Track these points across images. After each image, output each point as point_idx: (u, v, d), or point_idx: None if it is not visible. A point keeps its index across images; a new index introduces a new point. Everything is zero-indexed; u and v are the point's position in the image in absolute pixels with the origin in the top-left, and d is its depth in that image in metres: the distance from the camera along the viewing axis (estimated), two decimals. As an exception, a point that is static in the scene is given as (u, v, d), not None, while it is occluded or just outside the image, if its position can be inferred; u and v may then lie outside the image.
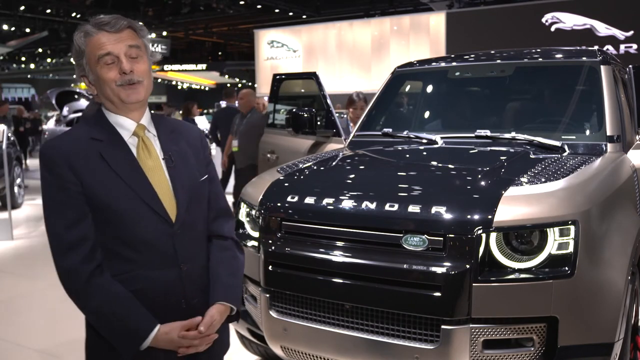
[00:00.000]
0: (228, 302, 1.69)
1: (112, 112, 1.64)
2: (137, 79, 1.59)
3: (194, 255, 1.68)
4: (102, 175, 1.56)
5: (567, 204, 2.33)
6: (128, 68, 1.57)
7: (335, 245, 2.52)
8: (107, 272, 1.56)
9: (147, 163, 1.62)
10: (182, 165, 1.67)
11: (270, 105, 5.38)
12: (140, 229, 1.57)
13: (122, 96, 1.59)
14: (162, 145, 1.67)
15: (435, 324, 2.28)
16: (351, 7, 22.70)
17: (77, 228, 1.54)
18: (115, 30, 1.58)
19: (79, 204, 1.55)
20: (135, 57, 1.60)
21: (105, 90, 1.60)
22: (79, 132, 1.63)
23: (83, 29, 1.59)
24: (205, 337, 1.61)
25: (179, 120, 1.82)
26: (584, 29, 13.49)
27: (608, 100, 3.30)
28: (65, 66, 41.00)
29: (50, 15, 23.71)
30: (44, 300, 4.84)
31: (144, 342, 1.55)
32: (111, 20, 1.59)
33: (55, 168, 1.54)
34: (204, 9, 23.48)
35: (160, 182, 1.62)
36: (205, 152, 1.79)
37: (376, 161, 3.35)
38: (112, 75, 1.57)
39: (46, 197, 1.57)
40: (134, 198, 1.56)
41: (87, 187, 1.54)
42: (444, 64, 4.08)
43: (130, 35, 1.60)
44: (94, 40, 1.58)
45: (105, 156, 1.57)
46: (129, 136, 1.63)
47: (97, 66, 1.58)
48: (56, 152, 1.56)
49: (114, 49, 1.57)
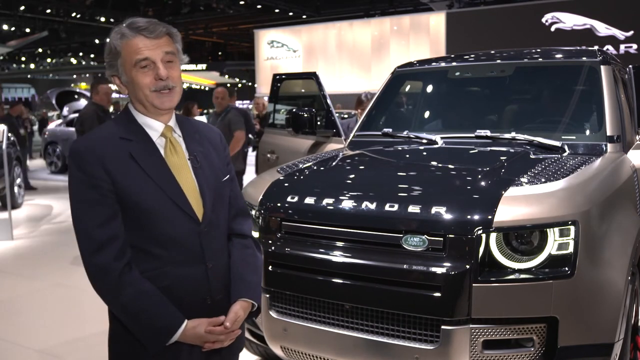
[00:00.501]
0: (250, 299, 1.73)
1: (141, 113, 1.66)
2: (171, 84, 1.62)
3: (219, 253, 1.72)
4: (132, 174, 1.58)
5: (567, 204, 2.33)
6: (165, 75, 1.60)
7: (335, 246, 2.52)
8: (135, 269, 1.59)
9: (174, 163, 1.65)
10: (207, 165, 1.71)
11: (270, 105, 5.38)
12: (169, 227, 1.60)
13: (156, 103, 1.62)
14: (187, 146, 1.71)
15: (435, 324, 2.28)
16: (351, 7, 22.72)
17: (109, 227, 1.56)
18: (153, 36, 1.60)
19: (110, 203, 1.57)
20: (170, 62, 1.63)
21: (138, 94, 1.62)
22: (109, 131, 1.65)
23: (120, 31, 1.61)
24: (230, 333, 1.66)
25: (201, 122, 1.86)
26: (584, 29, 13.50)
27: (608, 101, 3.30)
28: (65, 66, 41.05)
29: (50, 15, 23.73)
30: (44, 300, 4.84)
31: (172, 338, 1.58)
32: (149, 25, 1.60)
33: (87, 166, 1.56)
34: (204, 9, 23.51)
35: (187, 182, 1.65)
36: (226, 151, 1.83)
37: (376, 161, 3.35)
38: (147, 80, 1.60)
39: (76, 195, 1.58)
40: (162, 197, 1.59)
41: (118, 186, 1.57)
42: (444, 64, 4.08)
43: (167, 42, 1.63)
44: (131, 43, 1.59)
45: (135, 155, 1.60)
46: (157, 137, 1.66)
47: (132, 70, 1.60)
48: (88, 151, 1.58)
49: (152, 54, 1.59)
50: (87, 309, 4.44)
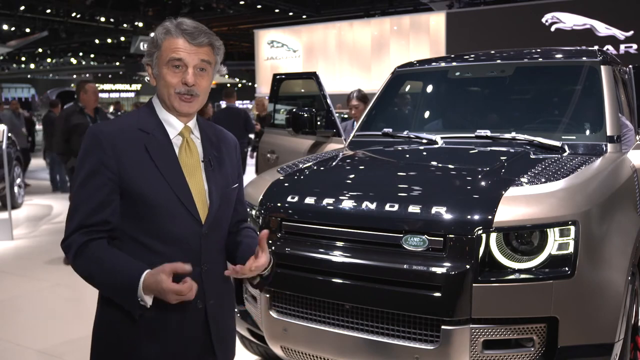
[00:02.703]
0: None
1: (163, 109, 1.69)
2: (196, 92, 1.64)
3: (215, 257, 1.72)
4: (144, 166, 1.60)
5: (567, 204, 2.33)
6: (192, 81, 1.62)
7: (336, 246, 2.52)
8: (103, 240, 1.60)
9: (187, 163, 1.66)
10: (219, 170, 1.73)
11: (270, 105, 5.38)
12: (172, 225, 1.61)
13: (175, 105, 1.65)
14: (203, 148, 1.72)
15: (436, 324, 2.28)
16: (351, 7, 22.69)
17: (103, 212, 1.58)
18: (195, 43, 1.62)
19: (109, 191, 1.58)
20: (203, 70, 1.65)
21: (162, 91, 1.65)
22: (129, 121, 1.67)
23: (167, 26, 1.64)
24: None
25: (221, 128, 1.87)
26: (584, 29, 13.49)
27: (608, 101, 3.30)
28: (65, 66, 41.01)
29: (50, 15, 23.70)
30: (44, 300, 4.84)
31: (137, 290, 1.52)
32: (194, 31, 1.62)
33: (99, 151, 1.58)
34: (204, 9, 23.48)
35: (197, 183, 1.66)
36: (239, 161, 1.86)
37: (376, 161, 3.35)
38: (174, 81, 1.62)
39: (82, 177, 1.60)
40: (169, 194, 1.60)
41: (126, 175, 1.58)
42: (444, 64, 4.08)
43: (207, 52, 1.65)
44: (172, 41, 1.62)
45: (149, 149, 1.61)
46: (174, 135, 1.68)
47: (164, 66, 1.63)
48: (104, 136, 1.59)
49: (187, 58, 1.61)
50: (87, 309, 4.42)
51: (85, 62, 40.73)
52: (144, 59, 1.70)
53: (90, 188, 1.58)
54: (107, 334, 1.65)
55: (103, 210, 1.58)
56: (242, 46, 35.56)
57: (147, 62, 1.68)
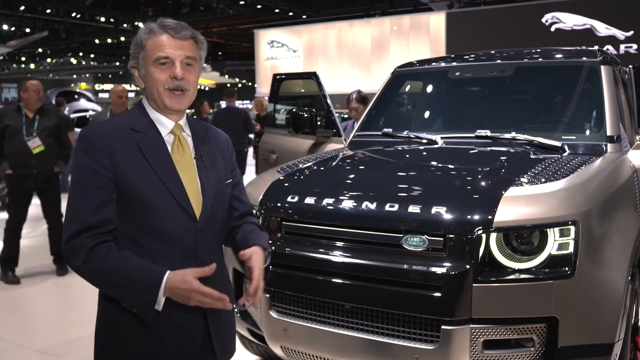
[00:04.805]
0: (261, 245, 1.77)
1: (153, 109, 1.70)
2: (185, 87, 1.66)
3: (211, 253, 1.73)
4: (137, 165, 1.61)
5: (567, 204, 2.33)
6: (180, 74, 1.64)
7: (336, 246, 2.52)
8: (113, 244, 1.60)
9: (179, 160, 1.68)
10: (212, 166, 1.74)
11: (270, 105, 5.38)
12: (167, 223, 1.62)
13: (167, 102, 1.66)
14: (195, 145, 1.74)
15: (436, 324, 2.28)
16: (351, 7, 22.69)
17: (102, 212, 1.58)
18: (179, 37, 1.64)
19: (107, 191, 1.59)
20: (189, 65, 1.67)
21: (152, 89, 1.67)
22: (121, 121, 1.69)
23: (149, 26, 1.66)
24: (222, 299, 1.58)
25: (211, 126, 1.89)
26: (584, 29, 13.48)
27: (608, 101, 3.30)
28: (65, 66, 41.01)
29: (50, 15, 23.71)
30: (44, 300, 4.84)
31: (159, 290, 1.53)
32: (176, 26, 1.65)
33: (94, 152, 1.59)
34: (204, 9, 23.47)
35: (190, 180, 1.68)
36: (232, 158, 1.87)
37: (376, 161, 3.35)
38: (163, 77, 1.64)
39: (78, 178, 1.61)
40: (163, 191, 1.61)
41: (120, 175, 1.59)
42: (444, 64, 4.08)
43: (190, 46, 1.67)
44: (156, 40, 1.64)
45: (142, 147, 1.63)
46: (166, 133, 1.69)
47: (151, 65, 1.64)
48: (97, 137, 1.61)
49: (173, 54, 1.63)
50: (87, 309, 4.42)
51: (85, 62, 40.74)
52: (130, 63, 1.70)
53: (89, 189, 1.58)
54: (110, 336, 1.65)
55: (104, 210, 1.58)
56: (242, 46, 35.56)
57: (133, 65, 1.69)
